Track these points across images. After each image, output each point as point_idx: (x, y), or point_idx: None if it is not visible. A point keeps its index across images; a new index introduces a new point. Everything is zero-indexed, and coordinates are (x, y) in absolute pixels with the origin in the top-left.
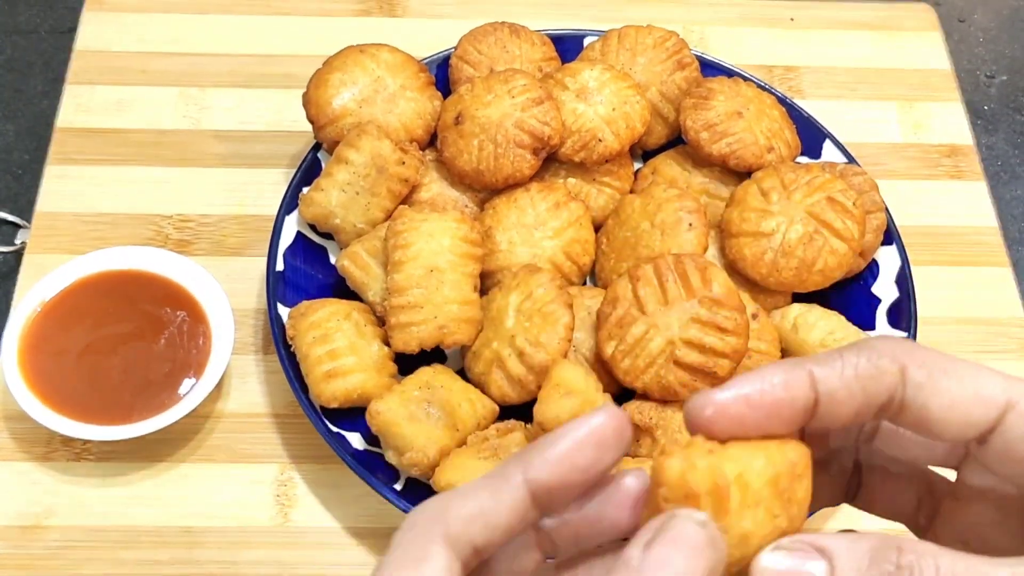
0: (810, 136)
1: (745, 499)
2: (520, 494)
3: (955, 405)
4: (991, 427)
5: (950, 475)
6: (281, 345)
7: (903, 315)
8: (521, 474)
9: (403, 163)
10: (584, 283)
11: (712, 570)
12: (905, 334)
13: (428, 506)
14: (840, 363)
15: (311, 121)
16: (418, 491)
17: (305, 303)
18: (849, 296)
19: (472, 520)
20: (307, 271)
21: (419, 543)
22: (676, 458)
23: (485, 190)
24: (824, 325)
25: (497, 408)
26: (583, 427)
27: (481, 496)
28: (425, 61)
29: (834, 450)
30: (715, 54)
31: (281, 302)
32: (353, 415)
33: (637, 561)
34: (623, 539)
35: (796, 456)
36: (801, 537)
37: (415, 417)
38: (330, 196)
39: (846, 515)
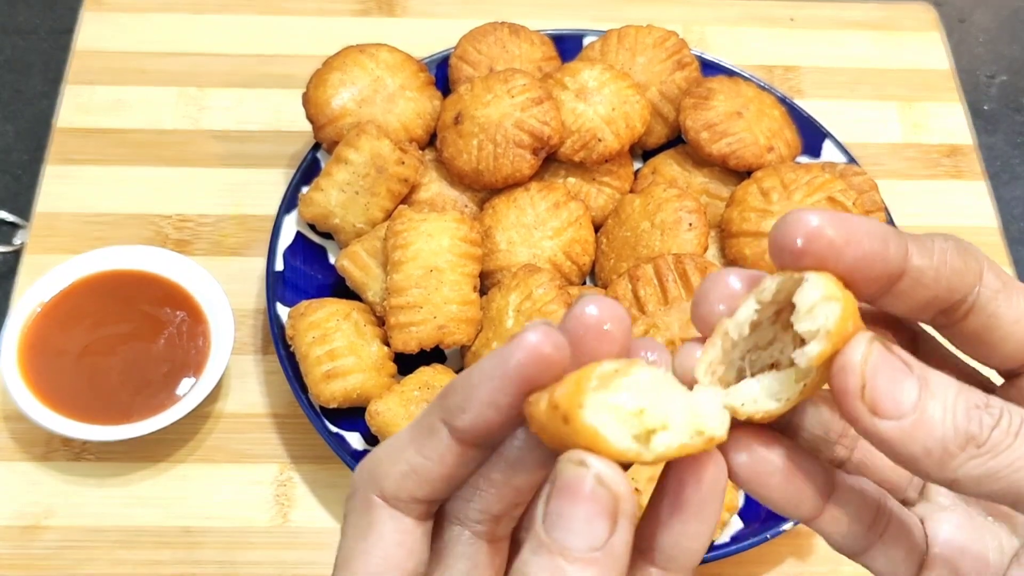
0: (810, 136)
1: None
2: (447, 444)
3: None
4: None
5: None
6: (280, 345)
7: None
8: (444, 426)
9: (402, 163)
10: (584, 283)
11: (614, 510)
12: None
13: (362, 468)
14: (933, 246)
15: (310, 121)
16: None
17: (304, 303)
18: None
19: (404, 477)
20: (306, 271)
21: (361, 510)
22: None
23: (485, 190)
24: None
25: None
26: (499, 365)
27: (408, 453)
28: (425, 61)
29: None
30: (715, 54)
31: (280, 302)
32: (352, 415)
33: (540, 521)
34: None
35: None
36: (896, 348)
37: (414, 417)
38: (329, 196)
39: None
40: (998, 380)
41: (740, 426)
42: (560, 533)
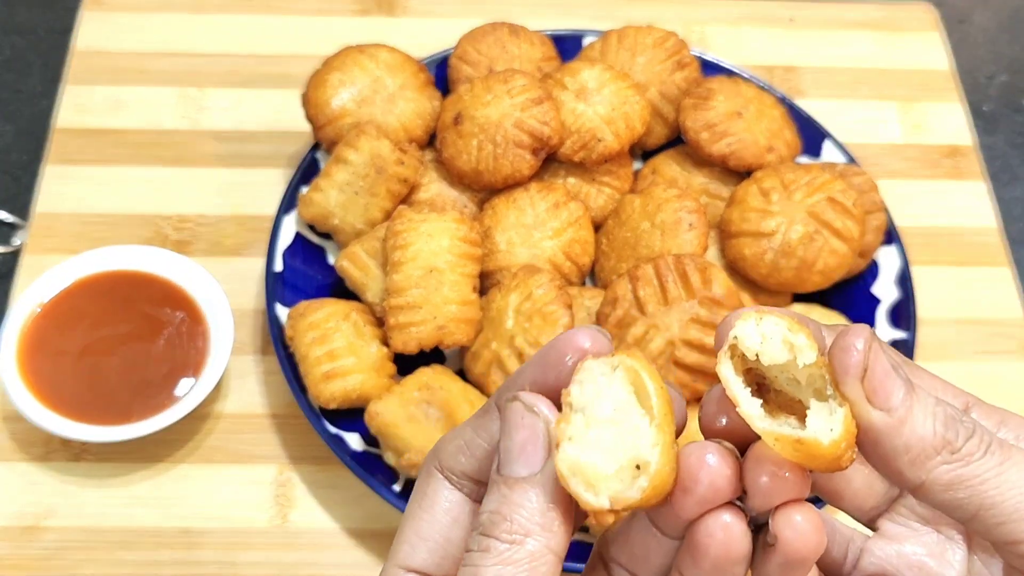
0: (810, 136)
1: None
2: (497, 423)
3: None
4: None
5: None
6: (280, 346)
7: (903, 315)
8: (496, 407)
9: (402, 163)
10: (584, 283)
11: (547, 436)
12: (905, 334)
13: (432, 447)
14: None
15: (310, 121)
16: None
17: (304, 303)
18: (849, 296)
19: (458, 451)
20: (306, 271)
21: (423, 477)
22: None
23: (484, 190)
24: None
25: None
26: (541, 354)
27: (466, 430)
28: (424, 61)
29: None
30: (715, 54)
31: (280, 302)
32: (352, 416)
33: (495, 467)
34: None
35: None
36: (889, 349)
37: (414, 418)
38: (329, 196)
39: None
40: None
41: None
42: (505, 467)
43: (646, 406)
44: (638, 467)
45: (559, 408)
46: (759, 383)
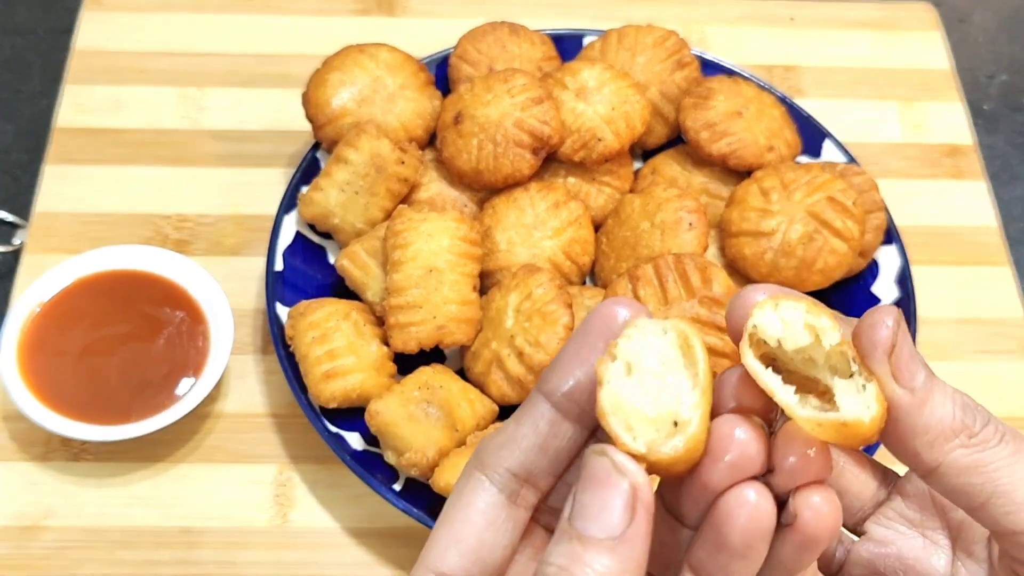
0: (810, 136)
1: None
2: (540, 411)
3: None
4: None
5: None
6: (280, 345)
7: (903, 315)
8: (537, 391)
9: (402, 163)
10: (584, 283)
11: (632, 499)
12: None
13: (474, 450)
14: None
15: (310, 120)
16: (417, 492)
17: (304, 303)
18: (849, 296)
19: (500, 447)
20: (306, 271)
21: (463, 478)
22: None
23: (484, 190)
24: None
25: (496, 408)
26: (583, 327)
27: (508, 426)
28: (424, 61)
29: None
30: (715, 54)
31: (280, 302)
32: (352, 415)
33: (567, 512)
34: None
35: None
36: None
37: (414, 417)
38: (329, 196)
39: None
40: None
41: None
42: (580, 521)
43: (692, 371)
44: (676, 424)
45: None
46: (771, 366)
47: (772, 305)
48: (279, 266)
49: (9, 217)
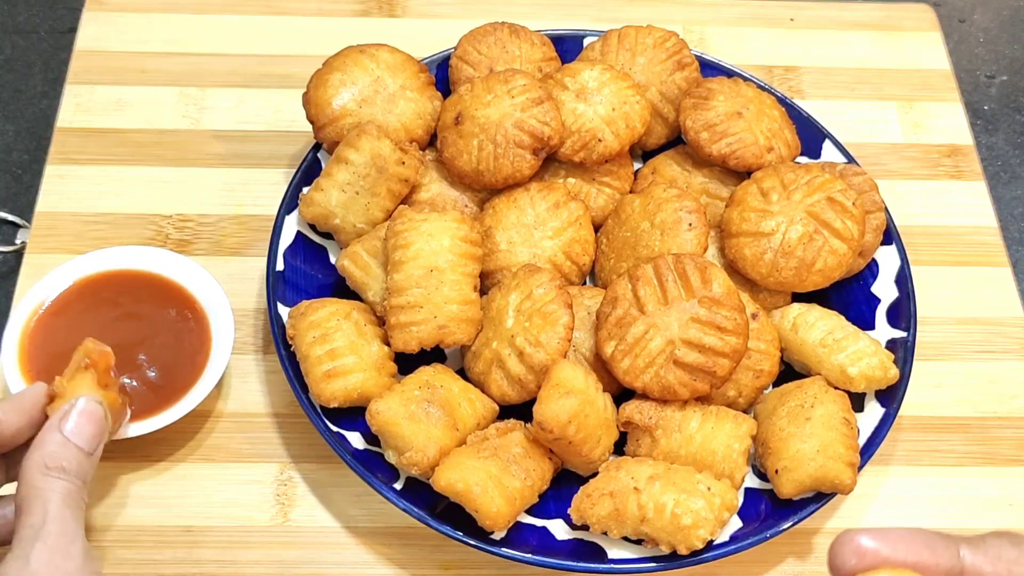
0: (810, 136)
1: None
2: None
3: None
4: None
5: None
6: (281, 345)
7: (903, 315)
8: None
9: (403, 163)
10: (584, 283)
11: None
12: (905, 334)
13: None
14: (986, 543)
15: (311, 121)
16: (418, 491)
17: (305, 303)
18: (849, 296)
19: None
20: (307, 271)
21: None
22: None
23: (485, 190)
24: (823, 325)
25: (497, 408)
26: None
27: None
28: (425, 61)
29: None
30: (715, 54)
31: (281, 302)
32: (353, 415)
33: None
34: None
35: None
36: None
37: (415, 417)
38: (330, 196)
39: (846, 516)
40: None
41: None
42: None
43: None
44: None
45: None
46: None
47: None
48: (280, 266)
49: (10, 217)
